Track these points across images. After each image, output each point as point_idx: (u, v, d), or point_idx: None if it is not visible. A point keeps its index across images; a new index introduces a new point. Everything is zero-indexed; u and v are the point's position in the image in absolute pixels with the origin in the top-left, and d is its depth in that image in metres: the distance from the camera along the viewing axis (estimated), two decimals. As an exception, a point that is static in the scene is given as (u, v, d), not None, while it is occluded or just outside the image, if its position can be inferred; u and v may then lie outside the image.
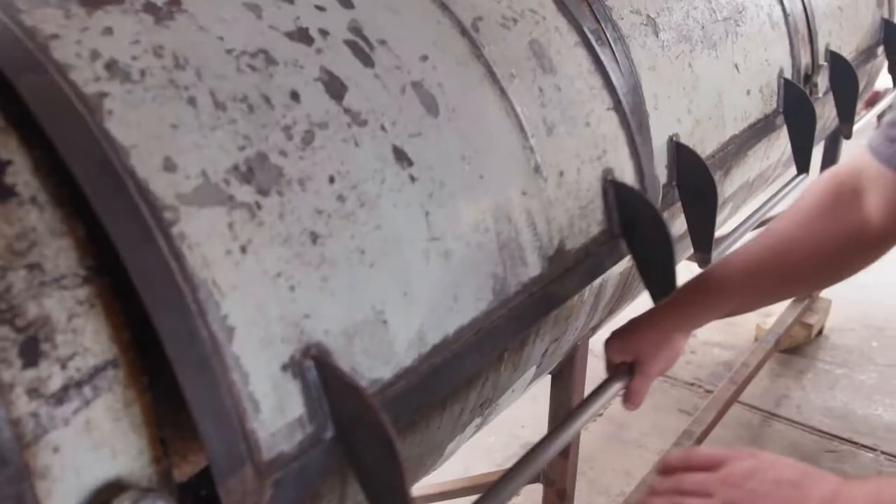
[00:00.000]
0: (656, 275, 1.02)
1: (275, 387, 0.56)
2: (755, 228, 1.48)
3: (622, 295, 1.20)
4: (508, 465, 0.82)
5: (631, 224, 0.99)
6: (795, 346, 2.59)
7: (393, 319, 0.67)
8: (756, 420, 2.32)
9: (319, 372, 0.59)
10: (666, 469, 0.82)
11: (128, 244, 0.51)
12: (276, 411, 0.56)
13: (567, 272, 0.89)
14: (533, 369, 0.97)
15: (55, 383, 0.48)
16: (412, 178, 0.71)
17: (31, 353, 0.48)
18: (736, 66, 1.32)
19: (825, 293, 2.60)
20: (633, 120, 1.05)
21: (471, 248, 0.75)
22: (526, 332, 0.84)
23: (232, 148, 0.60)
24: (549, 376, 1.28)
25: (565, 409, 1.27)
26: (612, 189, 0.98)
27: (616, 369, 1.00)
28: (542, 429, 1.39)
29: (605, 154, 0.98)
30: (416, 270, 0.69)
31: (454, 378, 0.73)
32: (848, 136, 1.78)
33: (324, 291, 0.61)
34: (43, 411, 0.48)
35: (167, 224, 0.53)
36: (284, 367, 0.57)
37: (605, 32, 1.04)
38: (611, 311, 1.21)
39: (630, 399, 1.01)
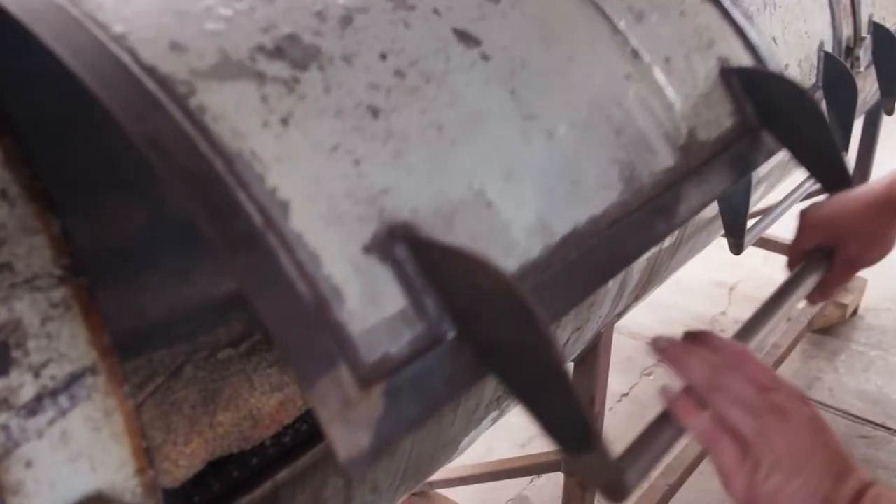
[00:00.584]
0: (821, 162, 0.84)
1: (358, 271, 0.43)
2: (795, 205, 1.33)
3: (649, 280, 1.04)
4: (531, 445, 0.65)
5: (771, 112, 0.82)
6: (829, 327, 2.43)
7: (499, 201, 0.53)
8: (786, 403, 2.12)
9: (416, 255, 0.46)
10: (707, 343, 0.62)
11: (134, 117, 0.41)
12: (366, 302, 0.43)
13: (708, 164, 0.73)
14: (553, 359, 0.81)
15: (27, 393, 0.44)
16: (484, 57, 0.59)
17: (0, 361, 0.43)
18: (774, 39, 1.20)
19: (861, 272, 2.29)
20: (734, 11, 0.90)
21: (577, 128, 0.62)
22: (677, 229, 0.68)
23: (254, 31, 0.50)
24: (571, 363, 1.17)
25: (587, 396, 1.16)
26: (736, 77, 0.82)
27: (810, 256, 0.79)
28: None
29: (713, 44, 0.83)
30: (514, 149, 0.56)
31: (598, 278, 0.58)
32: (890, 112, 1.62)
33: (400, 167, 0.49)
34: (14, 423, 0.43)
35: (182, 97, 0.43)
36: (367, 250, 0.44)
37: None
38: (637, 297, 1.05)
39: (822, 290, 0.80)
